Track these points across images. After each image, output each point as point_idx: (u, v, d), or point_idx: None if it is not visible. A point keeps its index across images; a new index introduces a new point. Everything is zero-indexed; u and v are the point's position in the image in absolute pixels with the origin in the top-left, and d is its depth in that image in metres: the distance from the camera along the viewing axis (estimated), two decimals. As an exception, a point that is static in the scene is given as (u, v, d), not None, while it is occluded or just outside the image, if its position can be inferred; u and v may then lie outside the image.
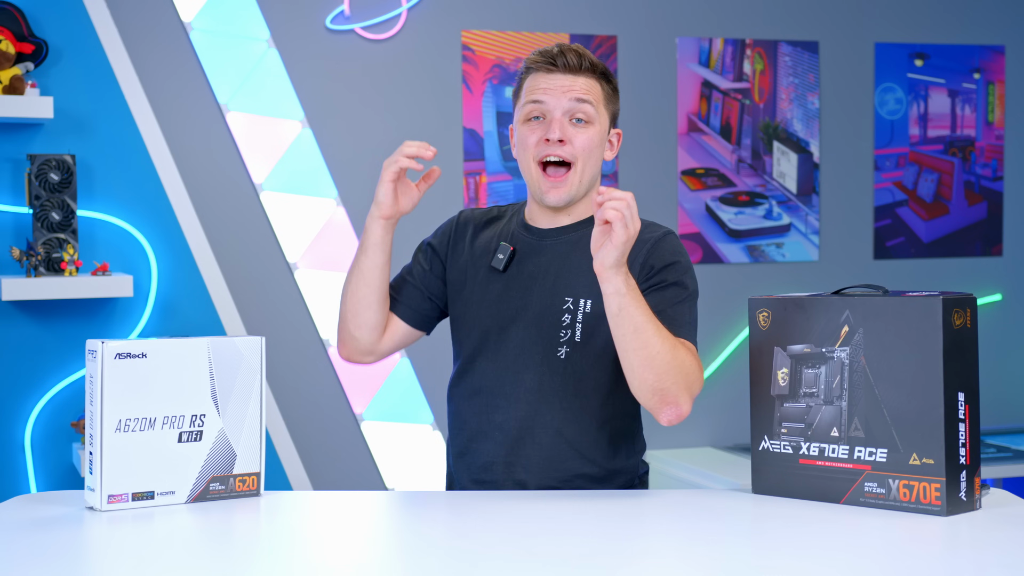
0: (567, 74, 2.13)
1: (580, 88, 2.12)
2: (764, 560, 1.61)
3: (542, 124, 2.13)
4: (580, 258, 2.14)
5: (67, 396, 3.42)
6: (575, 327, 2.11)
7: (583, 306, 2.12)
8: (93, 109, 3.42)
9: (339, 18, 3.66)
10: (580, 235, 2.16)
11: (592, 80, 2.15)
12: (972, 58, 4.27)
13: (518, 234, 2.22)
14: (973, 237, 4.30)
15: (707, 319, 4.07)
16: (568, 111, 2.12)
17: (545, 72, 2.14)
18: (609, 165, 3.93)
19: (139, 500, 1.90)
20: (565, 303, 2.12)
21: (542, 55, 2.15)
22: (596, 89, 2.15)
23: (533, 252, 2.18)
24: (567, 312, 2.12)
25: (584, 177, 2.13)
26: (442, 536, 1.79)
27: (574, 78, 2.13)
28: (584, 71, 2.14)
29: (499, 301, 2.17)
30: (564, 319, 2.12)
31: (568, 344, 2.12)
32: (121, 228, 3.46)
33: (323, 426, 3.67)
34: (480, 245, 2.24)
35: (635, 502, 2.03)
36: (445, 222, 2.35)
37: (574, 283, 2.13)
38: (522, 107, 2.16)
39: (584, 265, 2.11)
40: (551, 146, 2.11)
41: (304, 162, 3.65)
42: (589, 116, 2.12)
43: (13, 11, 3.29)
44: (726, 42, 4.03)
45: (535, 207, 2.22)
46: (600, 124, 2.15)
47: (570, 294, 2.13)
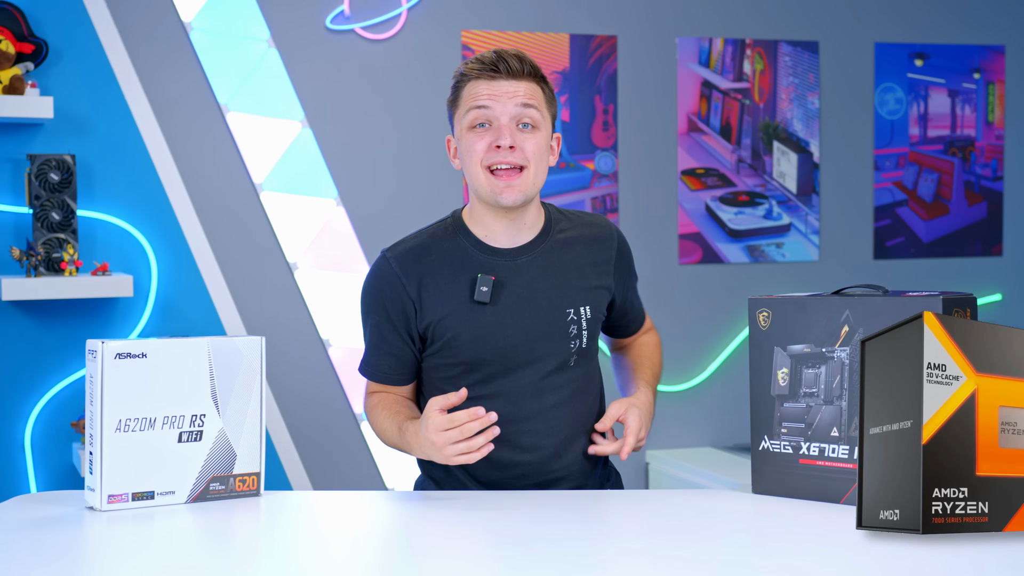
0: (510, 79, 2.09)
1: (524, 93, 2.09)
2: (764, 560, 1.61)
3: (489, 131, 2.09)
4: (563, 268, 2.17)
5: (67, 396, 3.42)
6: (582, 335, 2.16)
7: (585, 313, 2.16)
8: (93, 109, 3.42)
9: (339, 18, 3.66)
10: (549, 245, 2.18)
11: (534, 84, 2.12)
12: (972, 58, 4.27)
13: (484, 259, 2.14)
14: (973, 237, 4.30)
15: (707, 319, 4.09)
16: (515, 117, 2.09)
17: (487, 79, 2.09)
18: (609, 166, 3.93)
19: (139, 500, 1.90)
20: (568, 315, 2.14)
21: (481, 62, 2.10)
22: (538, 93, 2.12)
23: (513, 275, 2.13)
24: (573, 323, 2.14)
25: (537, 180, 2.11)
26: (442, 536, 1.79)
27: (517, 83, 2.09)
28: (526, 76, 2.11)
29: (495, 333, 2.11)
30: (571, 330, 2.15)
31: (578, 352, 2.17)
32: (121, 228, 3.46)
33: (323, 426, 3.66)
34: (446, 282, 2.13)
35: (635, 502, 2.03)
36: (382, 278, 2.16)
37: (570, 295, 2.16)
38: (465, 115, 2.10)
39: (570, 274, 2.17)
40: (502, 153, 2.07)
41: (304, 162, 3.65)
42: (535, 121, 2.10)
43: (13, 11, 3.29)
44: (726, 42, 4.03)
45: (489, 222, 2.14)
46: (545, 128, 2.13)
47: (571, 305, 2.15)
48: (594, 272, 2.19)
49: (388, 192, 3.73)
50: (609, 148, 3.93)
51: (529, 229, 2.17)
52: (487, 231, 2.15)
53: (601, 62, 3.91)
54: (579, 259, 2.19)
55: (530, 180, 2.09)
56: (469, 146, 2.09)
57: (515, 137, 2.07)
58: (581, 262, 2.18)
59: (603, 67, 3.91)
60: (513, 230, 2.15)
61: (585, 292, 2.16)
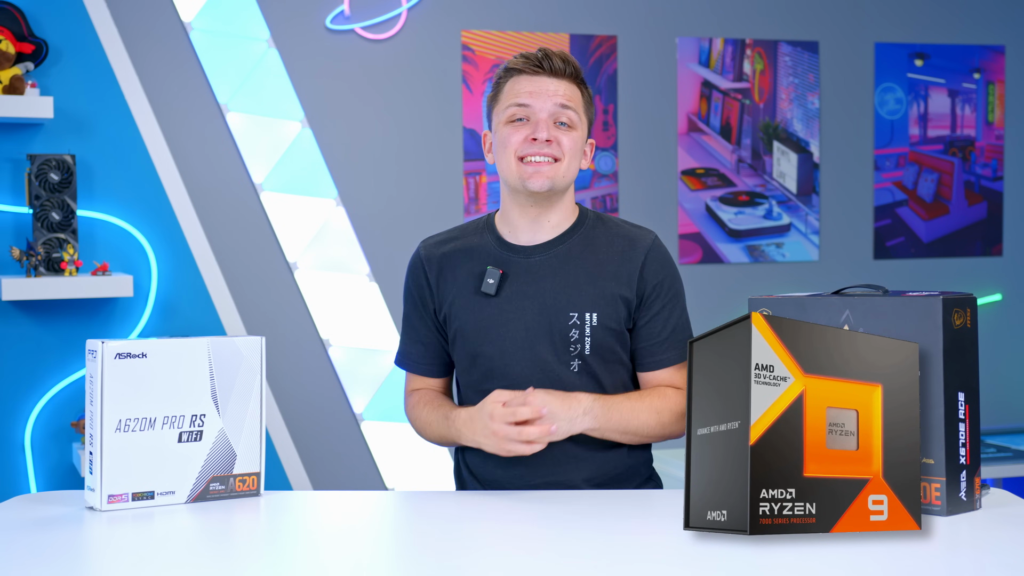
0: (552, 78, 2.12)
1: (564, 93, 2.12)
2: (764, 560, 1.61)
3: (527, 125, 2.12)
4: (576, 272, 2.14)
5: (67, 396, 3.42)
6: (584, 341, 2.12)
7: (590, 320, 2.12)
8: (93, 109, 3.42)
9: (339, 18, 3.66)
10: (568, 247, 2.16)
11: (574, 87, 2.14)
12: (972, 58, 4.27)
13: (500, 254, 2.18)
14: (973, 237, 4.30)
15: (707, 319, 4.07)
16: (553, 115, 2.11)
17: (530, 75, 2.12)
18: (609, 166, 3.93)
19: (139, 500, 1.90)
20: (571, 318, 2.12)
21: (527, 58, 2.13)
22: (578, 96, 2.15)
23: (523, 271, 2.16)
24: (574, 328, 2.12)
25: (568, 173, 2.13)
26: (442, 536, 1.79)
27: (559, 82, 2.12)
28: (568, 76, 2.13)
29: (499, 327, 2.14)
30: (572, 335, 2.12)
31: (579, 357, 2.13)
32: (121, 228, 3.46)
33: (323, 426, 3.66)
34: (464, 272, 2.19)
35: (635, 501, 2.03)
36: (412, 265, 2.27)
37: (576, 298, 2.13)
38: (504, 109, 2.13)
39: (582, 278, 2.13)
40: (537, 145, 2.10)
41: (304, 162, 3.65)
42: (572, 121, 2.13)
43: (13, 11, 3.29)
44: (726, 42, 4.03)
45: (514, 215, 2.18)
46: (581, 130, 2.15)
47: (575, 309, 2.12)
48: (614, 281, 2.13)
49: (388, 192, 3.73)
50: (609, 148, 3.93)
51: (552, 229, 2.17)
52: (510, 228, 2.19)
53: (601, 62, 3.91)
54: (600, 265, 2.14)
55: (561, 172, 2.11)
56: (505, 137, 2.13)
57: (551, 132, 2.10)
58: (601, 269, 2.14)
59: (603, 67, 3.91)
60: (535, 227, 2.17)
61: (596, 299, 2.12)
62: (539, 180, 2.10)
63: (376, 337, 3.71)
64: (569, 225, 2.18)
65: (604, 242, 2.17)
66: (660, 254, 2.17)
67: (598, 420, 2.08)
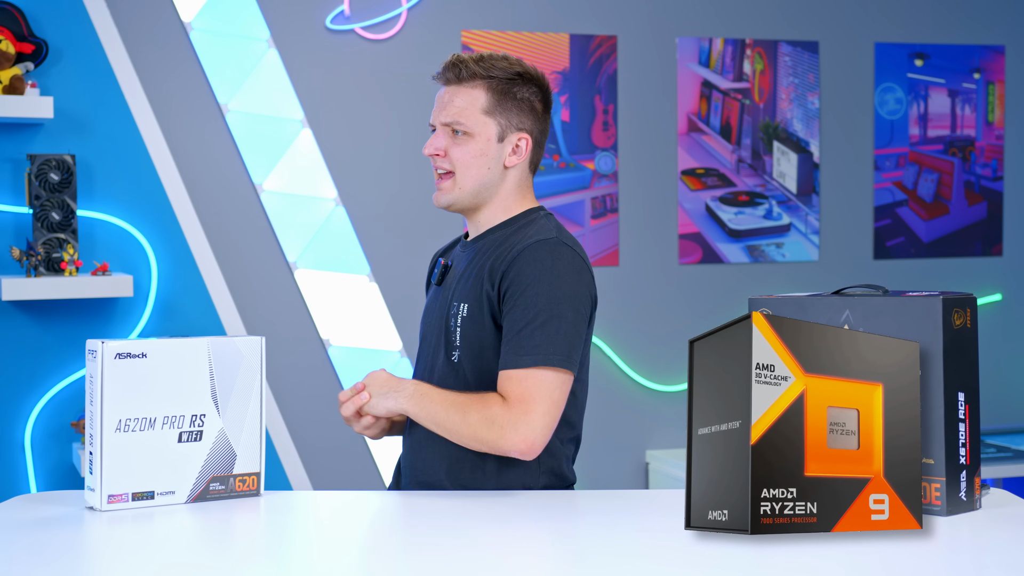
0: (449, 86, 2.18)
1: (457, 104, 2.15)
2: (764, 559, 1.61)
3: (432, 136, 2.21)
4: (472, 265, 2.17)
5: (67, 396, 3.42)
6: (455, 332, 2.14)
7: (461, 310, 2.13)
8: (93, 109, 3.42)
9: (339, 18, 3.66)
10: (484, 243, 2.19)
11: (478, 90, 2.15)
12: (972, 58, 4.27)
13: (454, 247, 2.31)
14: (973, 237, 4.30)
15: (707, 319, 4.07)
16: (448, 123, 2.16)
17: (441, 83, 2.20)
18: (609, 166, 3.93)
19: (139, 500, 1.90)
20: (453, 308, 2.15)
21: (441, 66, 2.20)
22: (479, 100, 2.14)
23: (457, 262, 2.25)
24: (452, 317, 2.15)
25: (465, 186, 2.17)
26: (442, 536, 1.79)
27: (455, 89, 2.16)
28: (466, 81, 2.15)
29: (428, 312, 2.25)
30: (451, 323, 2.15)
31: (457, 348, 2.14)
32: (121, 228, 3.46)
33: (323, 426, 3.66)
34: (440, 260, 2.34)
35: (635, 501, 2.03)
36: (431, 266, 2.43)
37: (460, 289, 2.16)
38: None
39: (470, 271, 2.16)
40: (434, 159, 2.19)
41: (304, 162, 3.65)
42: (467, 129, 2.15)
43: (13, 11, 3.29)
44: (726, 42, 4.03)
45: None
46: (483, 134, 2.15)
47: (457, 299, 2.15)
48: (488, 277, 2.11)
49: (388, 192, 3.73)
50: (609, 148, 3.93)
51: (485, 226, 2.22)
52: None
53: (601, 62, 3.91)
54: (489, 261, 2.13)
55: (455, 186, 2.17)
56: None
57: (439, 143, 2.17)
58: (488, 265, 2.13)
59: (603, 67, 3.91)
60: (473, 224, 2.25)
61: (470, 292, 2.13)
62: (438, 197, 2.21)
63: (376, 337, 3.71)
64: (499, 222, 2.20)
65: (513, 241, 2.14)
66: (532, 255, 2.07)
67: (414, 405, 2.06)
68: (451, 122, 2.15)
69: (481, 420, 2.01)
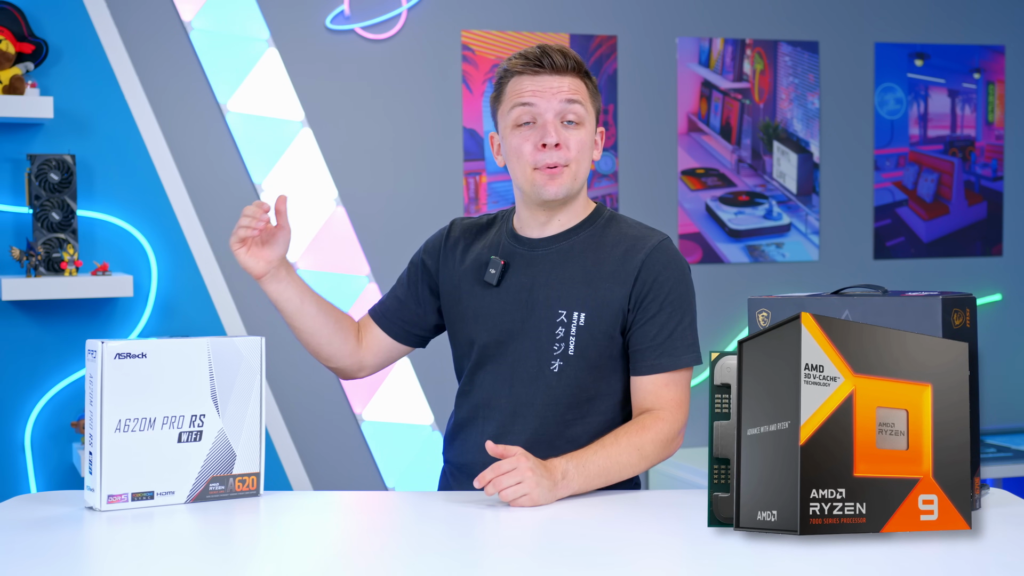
0: (554, 75, 2.09)
1: (568, 89, 2.09)
2: (764, 560, 1.61)
3: (534, 129, 2.09)
4: (573, 268, 2.12)
5: (67, 396, 3.42)
6: (568, 340, 2.09)
7: (576, 319, 2.09)
8: (93, 109, 3.42)
9: (339, 18, 3.66)
10: (571, 244, 2.15)
11: (578, 79, 2.12)
12: (972, 58, 4.27)
13: (508, 245, 2.18)
14: (973, 237, 4.30)
15: (707, 319, 4.07)
16: (559, 113, 2.09)
17: (531, 74, 2.10)
18: (609, 166, 3.93)
19: (139, 500, 1.90)
20: (559, 316, 2.09)
21: (526, 57, 2.11)
22: (583, 88, 2.12)
23: (525, 264, 2.15)
24: (560, 325, 2.09)
25: (580, 175, 2.12)
26: (442, 536, 1.79)
27: (561, 78, 2.10)
28: (570, 71, 2.11)
29: (495, 316, 2.14)
30: (558, 332, 2.09)
31: (562, 357, 2.09)
32: (121, 228, 3.46)
33: (323, 426, 3.66)
34: (472, 258, 2.21)
35: (635, 502, 2.02)
36: (436, 233, 2.31)
37: (567, 295, 2.10)
38: (509, 112, 2.11)
39: (577, 276, 2.11)
40: (548, 152, 2.08)
41: (304, 162, 3.65)
42: (580, 117, 2.10)
43: (13, 11, 3.29)
44: (726, 42, 4.03)
45: (525, 214, 2.18)
46: (589, 124, 2.13)
47: (564, 307, 2.10)
48: (610, 282, 2.09)
49: (388, 192, 3.73)
50: (609, 148, 3.93)
51: (560, 224, 2.16)
52: (521, 220, 2.20)
53: (601, 62, 3.91)
54: (599, 265, 2.11)
55: (571, 178, 2.11)
56: (516, 147, 2.11)
57: (559, 134, 2.08)
58: (600, 268, 2.11)
59: (603, 67, 3.91)
60: (543, 220, 2.16)
61: (587, 299, 2.09)
62: (553, 188, 2.10)
63: (376, 337, 3.71)
64: (579, 220, 2.17)
65: (610, 242, 2.14)
66: (664, 255, 2.11)
67: (576, 481, 1.96)
68: (567, 109, 2.08)
69: (656, 448, 2.05)
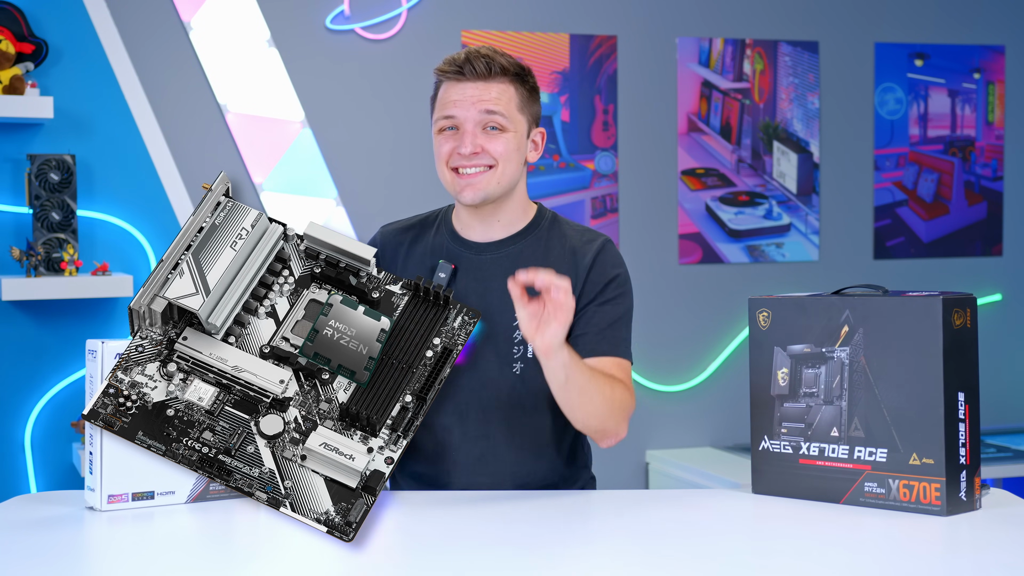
0: (476, 82, 2.08)
1: (490, 98, 2.08)
2: (764, 560, 1.61)
3: (455, 135, 2.09)
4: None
5: (67, 396, 3.42)
6: (526, 344, 2.08)
7: None
8: (93, 109, 3.42)
9: (339, 18, 3.66)
10: (519, 248, 2.14)
11: (505, 84, 2.09)
12: (972, 58, 4.27)
13: (453, 249, 2.16)
14: (973, 237, 4.30)
15: (707, 319, 4.09)
16: (479, 122, 2.08)
17: (455, 81, 2.09)
18: (609, 166, 3.93)
19: (139, 500, 1.90)
20: (515, 320, 2.08)
21: (450, 63, 2.10)
22: (509, 94, 2.10)
23: (474, 268, 2.14)
24: (517, 330, 2.08)
25: (504, 178, 2.10)
26: (441, 536, 1.79)
27: (485, 85, 2.08)
28: (495, 76, 2.08)
29: None
30: (515, 335, 2.09)
31: (522, 360, 2.10)
32: (121, 228, 3.46)
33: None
34: (414, 262, 2.18)
35: (635, 502, 2.03)
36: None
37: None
38: (436, 120, 2.12)
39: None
40: (466, 157, 2.08)
41: (304, 162, 3.65)
42: (501, 125, 2.09)
43: (13, 11, 3.29)
44: (726, 42, 4.03)
45: (464, 215, 2.17)
46: (516, 129, 2.11)
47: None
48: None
49: (388, 192, 3.73)
50: (609, 148, 3.93)
51: (504, 227, 2.15)
52: (462, 224, 2.18)
53: (601, 62, 3.91)
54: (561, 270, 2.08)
55: (494, 179, 2.09)
56: (437, 148, 2.11)
57: (477, 141, 2.07)
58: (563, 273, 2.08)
59: (603, 67, 3.91)
60: (485, 226, 2.15)
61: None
62: (470, 192, 2.09)
63: (376, 337, 3.71)
64: (524, 224, 2.17)
65: (556, 244, 2.14)
66: (613, 255, 2.14)
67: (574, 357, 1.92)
68: (487, 119, 2.07)
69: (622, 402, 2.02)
